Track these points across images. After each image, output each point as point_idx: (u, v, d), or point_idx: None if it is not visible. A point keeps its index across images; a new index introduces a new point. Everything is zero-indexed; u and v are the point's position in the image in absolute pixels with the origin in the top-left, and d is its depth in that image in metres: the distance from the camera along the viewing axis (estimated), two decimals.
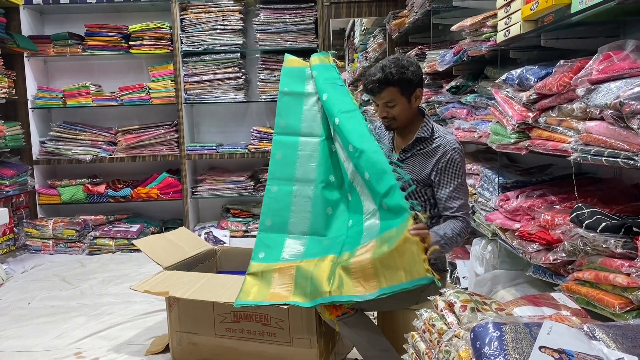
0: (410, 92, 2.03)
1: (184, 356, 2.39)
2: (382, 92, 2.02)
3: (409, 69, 2.00)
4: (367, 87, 2.05)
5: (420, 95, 2.08)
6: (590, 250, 1.55)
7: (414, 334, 1.50)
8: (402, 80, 1.99)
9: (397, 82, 1.99)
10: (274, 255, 2.12)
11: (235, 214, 4.86)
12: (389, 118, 2.08)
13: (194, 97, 4.70)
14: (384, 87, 2.00)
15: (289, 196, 2.20)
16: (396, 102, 2.03)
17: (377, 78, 2.00)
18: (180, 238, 2.82)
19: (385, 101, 2.04)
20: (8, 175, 4.25)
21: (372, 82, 2.02)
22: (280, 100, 2.28)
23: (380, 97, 2.04)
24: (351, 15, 4.78)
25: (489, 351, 1.07)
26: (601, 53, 1.52)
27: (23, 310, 3.22)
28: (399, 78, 1.98)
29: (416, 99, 2.07)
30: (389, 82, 1.99)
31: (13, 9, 4.47)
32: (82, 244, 4.60)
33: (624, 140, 1.37)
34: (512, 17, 2.00)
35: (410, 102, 2.06)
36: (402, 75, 1.98)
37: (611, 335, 1.14)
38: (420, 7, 3.43)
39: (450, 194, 2.02)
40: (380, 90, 2.01)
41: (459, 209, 2.02)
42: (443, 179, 2.03)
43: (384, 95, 2.02)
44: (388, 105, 2.05)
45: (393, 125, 2.11)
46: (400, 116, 2.07)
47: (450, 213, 2.02)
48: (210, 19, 4.59)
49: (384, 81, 1.99)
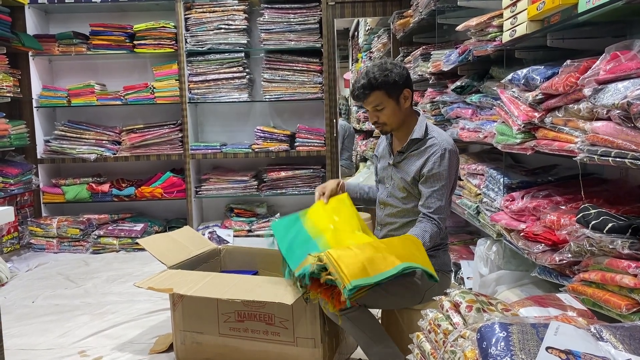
0: (398, 94, 2.07)
1: (188, 355, 2.39)
2: (369, 97, 2.06)
3: (392, 71, 2.03)
4: (354, 94, 2.10)
5: (409, 95, 2.11)
6: (597, 251, 1.54)
7: (419, 334, 1.49)
8: (386, 83, 2.03)
9: (381, 85, 2.02)
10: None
11: (239, 214, 4.86)
12: (380, 123, 2.12)
13: (198, 97, 4.70)
14: (369, 91, 2.04)
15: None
16: (384, 105, 2.07)
17: (362, 84, 2.04)
18: (184, 237, 2.82)
19: (373, 106, 2.08)
20: (13, 174, 4.27)
21: (357, 88, 2.07)
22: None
23: (368, 102, 2.08)
24: (355, 15, 4.78)
25: (495, 352, 1.06)
26: (609, 53, 1.51)
27: (27, 309, 3.23)
28: (383, 81, 2.02)
29: (405, 99, 2.10)
30: (373, 87, 2.03)
31: (18, 8, 4.48)
32: (86, 242, 4.61)
33: (632, 141, 1.37)
34: (518, 17, 2.00)
35: (400, 104, 2.09)
36: (385, 78, 2.02)
37: (618, 336, 1.13)
38: (425, 6, 3.42)
39: (432, 193, 2.05)
40: (365, 95, 2.06)
41: (436, 211, 2.04)
42: (429, 176, 2.06)
43: (371, 99, 2.06)
44: (377, 110, 2.09)
45: (386, 129, 2.15)
46: (391, 119, 2.10)
47: (427, 212, 2.05)
48: (214, 18, 4.59)
49: (368, 86, 2.03)
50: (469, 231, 3.49)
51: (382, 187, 2.27)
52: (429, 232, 2.01)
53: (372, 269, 1.74)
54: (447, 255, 2.22)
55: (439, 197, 2.04)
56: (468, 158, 2.93)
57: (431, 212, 2.04)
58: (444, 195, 2.06)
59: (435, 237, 2.04)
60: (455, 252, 3.13)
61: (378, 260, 1.77)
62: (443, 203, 2.05)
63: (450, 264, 2.25)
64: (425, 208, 2.06)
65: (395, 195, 2.18)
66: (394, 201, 2.19)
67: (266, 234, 2.18)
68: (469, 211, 2.75)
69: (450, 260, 2.27)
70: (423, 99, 3.59)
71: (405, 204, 2.16)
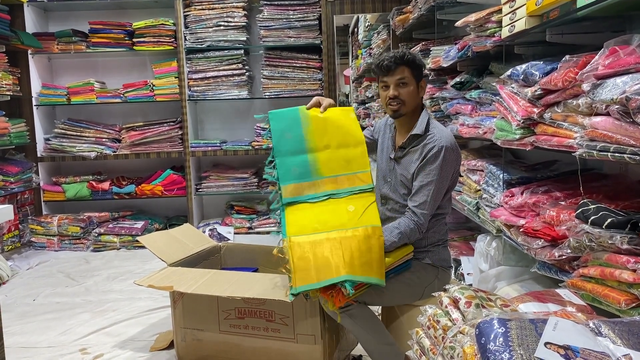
0: (419, 79, 2.13)
1: (188, 352, 2.39)
2: (398, 68, 2.09)
3: (417, 57, 2.14)
4: (383, 64, 2.11)
5: (425, 86, 2.18)
6: (596, 247, 1.54)
7: (418, 330, 1.49)
8: (415, 63, 2.10)
9: (411, 62, 2.09)
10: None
11: (240, 211, 4.86)
12: (400, 99, 2.10)
13: (197, 94, 4.70)
14: (400, 64, 2.09)
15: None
16: (408, 82, 2.10)
17: (393, 55, 2.10)
18: (185, 235, 2.82)
19: (398, 78, 2.09)
20: (13, 173, 4.27)
21: (388, 59, 2.10)
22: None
23: (396, 72, 2.09)
24: (355, 12, 4.77)
25: (494, 347, 1.06)
26: (607, 48, 1.51)
27: (28, 307, 3.24)
28: (412, 59, 2.10)
29: (422, 89, 2.15)
30: (404, 61, 2.09)
31: (17, 6, 4.48)
32: (87, 240, 4.61)
33: (630, 136, 1.36)
34: (517, 13, 1.99)
35: (418, 89, 2.14)
36: (414, 58, 2.11)
37: (617, 331, 1.13)
38: (424, 2, 3.41)
39: (420, 188, 2.05)
40: (396, 66, 2.09)
41: (420, 206, 2.04)
42: (422, 170, 2.06)
43: (399, 71, 2.09)
44: (400, 84, 2.10)
45: (402, 110, 2.12)
46: (409, 98, 2.11)
47: (411, 205, 2.06)
48: (213, 15, 4.59)
49: (400, 58, 2.08)
50: (469, 227, 3.49)
51: (384, 182, 2.26)
52: (401, 229, 2.01)
53: (318, 277, 1.86)
54: (447, 251, 2.22)
55: (427, 192, 2.04)
56: (468, 154, 2.93)
57: (415, 206, 2.04)
58: (432, 192, 2.04)
59: (409, 234, 2.02)
60: (455, 248, 3.13)
61: (326, 269, 1.87)
62: (428, 199, 2.03)
63: (450, 260, 2.25)
64: (411, 201, 2.08)
65: (398, 191, 2.18)
66: (396, 196, 2.18)
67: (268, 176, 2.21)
68: (468, 207, 2.75)
69: (450, 256, 2.26)
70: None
71: (407, 200, 2.16)
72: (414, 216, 2.03)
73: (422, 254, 2.14)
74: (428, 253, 2.14)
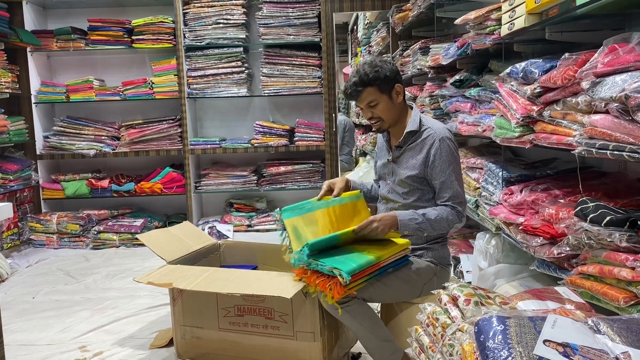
0: (390, 89, 2.10)
1: (188, 350, 2.39)
2: (362, 94, 2.08)
3: (383, 67, 2.07)
4: (347, 93, 2.12)
5: (401, 90, 2.14)
6: (595, 244, 1.54)
7: (417, 327, 1.50)
8: (377, 79, 2.05)
9: (373, 80, 2.05)
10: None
11: (239, 209, 4.87)
12: (376, 118, 2.13)
13: (197, 92, 4.69)
14: (362, 88, 2.06)
15: None
16: (378, 101, 2.09)
17: (353, 82, 2.07)
18: (184, 232, 2.82)
19: (366, 102, 2.10)
20: (12, 170, 4.27)
21: (349, 87, 2.09)
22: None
23: (361, 99, 2.10)
24: (354, 9, 4.76)
25: (493, 345, 1.07)
26: (606, 46, 1.51)
27: (27, 305, 3.24)
28: (374, 77, 2.04)
29: (397, 95, 2.13)
30: (364, 83, 2.05)
31: (16, 3, 4.47)
32: (86, 238, 4.61)
33: (629, 134, 1.36)
34: (516, 10, 1.99)
35: (392, 99, 2.11)
36: (376, 74, 2.05)
37: (615, 329, 1.14)
38: (424, 0, 3.41)
39: (441, 185, 2.08)
40: (358, 92, 2.08)
41: (449, 199, 2.07)
42: (434, 169, 2.08)
43: (364, 96, 2.08)
44: (371, 106, 2.11)
45: (383, 126, 2.17)
46: (385, 114, 2.12)
47: (440, 202, 2.09)
48: (213, 13, 4.58)
49: (359, 83, 2.06)
50: (468, 225, 3.49)
51: (384, 184, 2.28)
52: (439, 212, 2.04)
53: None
54: (446, 249, 2.22)
55: (449, 185, 2.07)
56: (467, 152, 2.93)
57: (444, 201, 2.07)
58: (452, 182, 2.07)
59: (451, 218, 2.05)
60: (455, 246, 3.14)
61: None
62: (453, 190, 2.07)
63: (450, 258, 2.26)
64: (439, 199, 2.10)
65: (397, 191, 2.18)
66: (395, 196, 2.19)
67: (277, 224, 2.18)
68: (468, 205, 2.76)
69: (450, 254, 2.27)
70: (422, 93, 3.58)
71: (406, 199, 2.16)
72: (451, 207, 2.06)
73: (422, 252, 2.15)
74: (427, 251, 2.15)
